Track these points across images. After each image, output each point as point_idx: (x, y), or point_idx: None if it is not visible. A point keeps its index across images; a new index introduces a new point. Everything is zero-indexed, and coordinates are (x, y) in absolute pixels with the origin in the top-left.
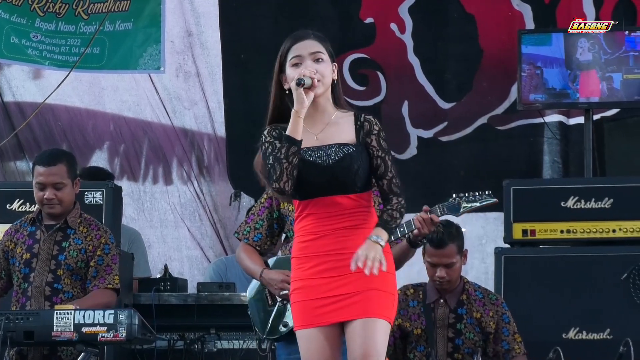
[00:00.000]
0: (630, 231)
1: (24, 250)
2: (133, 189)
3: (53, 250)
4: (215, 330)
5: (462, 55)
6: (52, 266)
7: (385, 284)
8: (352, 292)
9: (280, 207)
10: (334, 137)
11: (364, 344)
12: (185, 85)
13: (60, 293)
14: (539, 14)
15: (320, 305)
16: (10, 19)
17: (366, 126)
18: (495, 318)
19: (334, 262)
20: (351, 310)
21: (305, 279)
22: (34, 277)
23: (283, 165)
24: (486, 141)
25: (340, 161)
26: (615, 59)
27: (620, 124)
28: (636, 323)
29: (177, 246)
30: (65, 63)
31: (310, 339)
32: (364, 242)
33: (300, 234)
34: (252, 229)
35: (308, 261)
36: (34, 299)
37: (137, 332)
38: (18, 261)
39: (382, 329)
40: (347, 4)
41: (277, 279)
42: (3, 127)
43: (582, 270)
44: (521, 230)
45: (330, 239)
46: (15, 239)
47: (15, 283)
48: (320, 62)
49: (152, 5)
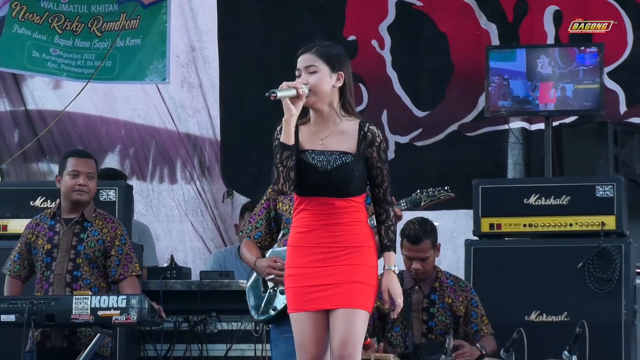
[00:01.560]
0: (585, 225)
1: (45, 242)
2: (142, 187)
3: (72, 241)
4: (216, 314)
5: (435, 69)
6: (71, 255)
7: (368, 277)
8: (338, 282)
9: (277, 208)
10: (336, 145)
11: (344, 333)
12: (189, 95)
13: (79, 280)
14: (504, 32)
15: (309, 292)
16: (32, 35)
17: (369, 137)
18: (464, 303)
19: (324, 253)
20: (336, 300)
21: (298, 267)
22: (56, 266)
23: (279, 168)
24: (456, 146)
25: (337, 169)
26: (568, 72)
27: (577, 129)
28: (591, 307)
29: (182, 239)
30: (81, 75)
31: (301, 321)
32: (385, 272)
33: (296, 225)
34: (254, 227)
35: (301, 251)
36: (56, 285)
37: (146, 315)
38: (40, 252)
39: (361, 319)
40: (331, 23)
41: (265, 264)
42: (26, 133)
43: (543, 259)
44: (488, 224)
45: (321, 233)
46: (37, 231)
47: (38, 271)
48: (313, 74)
49: (158, 23)
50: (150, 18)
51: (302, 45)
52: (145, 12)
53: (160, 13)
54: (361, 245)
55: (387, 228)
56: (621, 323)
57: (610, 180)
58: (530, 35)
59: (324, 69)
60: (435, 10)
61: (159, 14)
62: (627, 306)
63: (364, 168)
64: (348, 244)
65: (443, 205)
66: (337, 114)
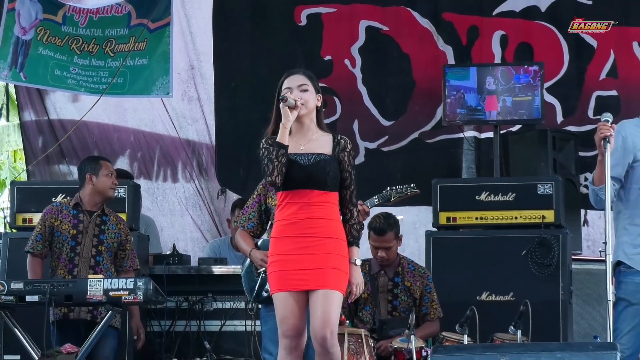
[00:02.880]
0: (528, 218)
1: (70, 227)
2: (148, 186)
3: (95, 231)
4: (211, 294)
5: (399, 85)
6: (94, 242)
7: (342, 265)
8: (316, 267)
9: (267, 202)
10: (315, 149)
11: (324, 311)
12: (188, 106)
13: (100, 265)
14: (458, 53)
15: (291, 275)
16: (54, 56)
17: (342, 143)
18: (420, 287)
19: (303, 242)
20: (315, 282)
21: (281, 254)
22: (81, 250)
23: (274, 163)
24: (417, 151)
25: (317, 163)
26: (507, 88)
27: (521, 137)
28: (533, 288)
29: (183, 230)
30: (96, 90)
31: (284, 298)
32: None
33: (279, 219)
34: (247, 218)
35: (284, 241)
36: (82, 267)
37: (151, 295)
38: (65, 235)
39: (337, 300)
40: (311, 45)
41: (258, 257)
42: (49, 139)
43: (492, 248)
44: (445, 217)
45: (302, 224)
46: (61, 217)
47: (64, 252)
48: (305, 92)
49: (162, 46)
50: (155, 41)
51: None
52: (151, 35)
53: (164, 36)
54: (335, 237)
55: (351, 226)
56: (559, 302)
57: (550, 180)
58: (481, 55)
59: (312, 89)
60: (400, 35)
61: (163, 37)
62: (564, 287)
63: (337, 168)
64: (324, 235)
65: (407, 201)
66: (314, 127)
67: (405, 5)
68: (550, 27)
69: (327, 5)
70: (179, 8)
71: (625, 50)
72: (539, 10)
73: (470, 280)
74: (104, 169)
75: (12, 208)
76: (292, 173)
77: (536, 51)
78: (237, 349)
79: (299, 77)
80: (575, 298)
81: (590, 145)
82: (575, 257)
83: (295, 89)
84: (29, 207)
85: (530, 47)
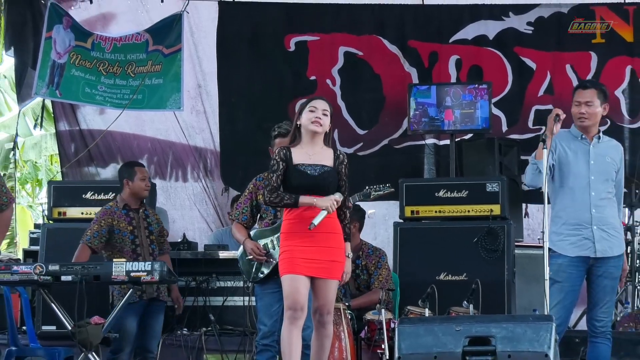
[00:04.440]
0: (478, 211)
1: (126, 225)
2: (163, 184)
3: (144, 224)
4: (215, 275)
5: (371, 100)
6: (146, 234)
7: (340, 257)
8: (322, 259)
9: (257, 198)
10: (321, 160)
11: (325, 296)
12: (196, 119)
13: (155, 251)
14: (421, 74)
15: (299, 262)
16: (85, 76)
17: (340, 158)
18: (374, 263)
19: (309, 237)
20: (319, 271)
21: (291, 245)
22: (140, 241)
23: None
24: (387, 155)
25: (322, 174)
26: (458, 103)
27: (472, 144)
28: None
29: (191, 221)
30: (119, 104)
31: (293, 280)
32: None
33: (288, 217)
34: (241, 213)
35: (294, 235)
36: (145, 255)
37: (165, 276)
38: (125, 232)
39: (335, 286)
40: (298, 67)
41: (249, 246)
42: (80, 145)
43: (449, 236)
44: (410, 211)
45: (308, 222)
46: (117, 217)
47: (126, 245)
48: (325, 116)
49: (175, 68)
50: (169, 64)
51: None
52: (166, 59)
53: (176, 60)
54: (335, 232)
55: (344, 225)
56: (504, 281)
57: (496, 180)
58: (440, 76)
59: (329, 115)
60: (372, 58)
61: (175, 60)
62: (509, 269)
63: (336, 178)
64: (326, 231)
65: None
66: (321, 142)
67: (377, 34)
68: (497, 52)
69: (312, 34)
70: (188, 37)
71: (560, 72)
72: (487, 39)
73: (430, 263)
74: (139, 174)
75: (49, 203)
76: (301, 181)
77: (485, 72)
78: (237, 321)
79: (324, 103)
80: (518, 278)
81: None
82: (517, 244)
83: (320, 110)
84: (63, 203)
85: (480, 69)
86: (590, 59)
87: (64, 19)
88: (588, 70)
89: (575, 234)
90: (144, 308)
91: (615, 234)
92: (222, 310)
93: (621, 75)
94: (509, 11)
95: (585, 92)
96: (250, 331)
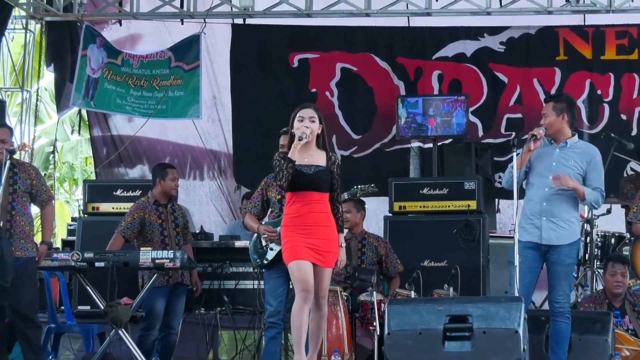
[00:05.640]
0: (457, 207)
1: (156, 218)
2: (183, 183)
3: (171, 217)
4: (228, 262)
5: (365, 109)
6: (173, 226)
7: (334, 247)
8: (318, 249)
9: (268, 194)
10: (315, 162)
11: (323, 282)
12: (212, 126)
13: (180, 241)
14: (408, 87)
15: (302, 249)
16: (116, 89)
17: (332, 159)
18: (384, 249)
19: (308, 229)
20: (317, 260)
21: (292, 236)
22: (168, 233)
23: (283, 172)
24: (379, 158)
25: (317, 172)
26: (439, 112)
27: (453, 147)
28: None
29: (208, 215)
30: (146, 113)
31: (301, 266)
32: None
33: (288, 213)
34: (254, 206)
35: (294, 229)
36: (172, 245)
37: (185, 262)
38: (155, 224)
39: (329, 275)
40: (301, 81)
41: (263, 229)
42: (111, 149)
43: (432, 228)
44: (398, 206)
45: (307, 217)
46: (148, 212)
47: (155, 236)
48: (313, 122)
49: (194, 82)
50: (189, 78)
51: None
52: (186, 74)
53: (195, 75)
54: (329, 225)
55: (337, 219)
56: (480, 267)
57: (473, 179)
58: (424, 88)
59: (317, 121)
60: (365, 73)
61: (194, 75)
62: (484, 256)
63: (329, 176)
64: (321, 224)
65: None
66: (314, 146)
67: (369, 52)
68: (473, 68)
69: (312, 52)
70: (205, 55)
71: (528, 85)
72: (465, 56)
73: (416, 252)
74: (170, 174)
75: (84, 199)
76: (298, 179)
77: (463, 85)
78: (247, 301)
79: (310, 111)
80: (491, 264)
81: (502, 153)
82: (491, 235)
83: (306, 119)
84: (96, 199)
85: (459, 82)
86: (554, 73)
87: (97, 39)
88: (553, 83)
89: (529, 223)
90: (170, 291)
91: (564, 225)
92: (234, 292)
93: (582, 87)
94: (484, 32)
95: (545, 105)
96: (259, 310)
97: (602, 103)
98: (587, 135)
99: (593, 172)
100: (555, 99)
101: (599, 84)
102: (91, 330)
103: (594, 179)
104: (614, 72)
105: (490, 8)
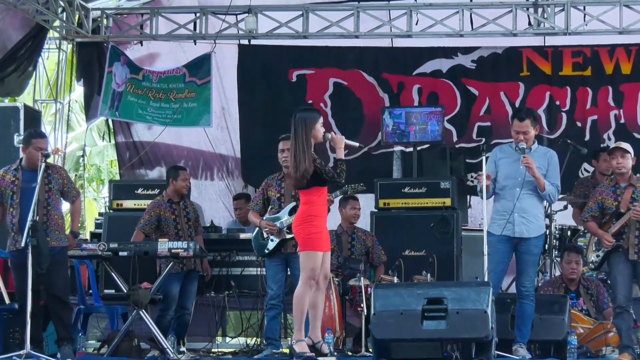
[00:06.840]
0: (434, 204)
1: (170, 214)
2: (195, 183)
3: (184, 213)
4: (235, 251)
5: (354, 118)
6: (185, 220)
7: None
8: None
9: (268, 193)
10: None
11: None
12: (222, 133)
13: (192, 234)
14: (391, 99)
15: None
16: (137, 101)
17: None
18: (371, 242)
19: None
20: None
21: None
22: (181, 227)
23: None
24: (366, 160)
25: None
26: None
27: (430, 151)
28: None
29: (217, 211)
30: (163, 122)
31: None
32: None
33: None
34: (256, 204)
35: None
36: (185, 236)
37: (198, 252)
38: (170, 220)
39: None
40: (298, 94)
41: (264, 224)
42: (133, 153)
43: (412, 222)
44: (383, 203)
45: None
46: (163, 208)
47: (170, 230)
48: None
49: (205, 94)
50: (201, 91)
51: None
52: (199, 88)
53: (207, 88)
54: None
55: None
56: (454, 256)
57: (448, 179)
58: (405, 100)
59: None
60: (355, 87)
61: (206, 89)
62: (457, 247)
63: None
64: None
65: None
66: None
67: (358, 68)
68: (449, 82)
69: (309, 69)
70: (215, 71)
71: (496, 97)
72: (441, 72)
73: (398, 242)
74: (181, 176)
75: (109, 197)
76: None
77: (440, 97)
78: (251, 286)
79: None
80: (464, 253)
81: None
82: (463, 228)
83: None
84: (120, 196)
85: (437, 95)
86: (519, 87)
87: (121, 57)
88: (517, 95)
89: (502, 218)
90: (184, 277)
91: (533, 220)
92: (240, 278)
93: (542, 99)
94: (457, 52)
95: (522, 124)
96: (261, 294)
97: (560, 112)
98: (546, 140)
99: (551, 170)
100: (530, 115)
101: (557, 96)
102: (115, 311)
103: (552, 176)
104: (570, 86)
105: (463, 31)
